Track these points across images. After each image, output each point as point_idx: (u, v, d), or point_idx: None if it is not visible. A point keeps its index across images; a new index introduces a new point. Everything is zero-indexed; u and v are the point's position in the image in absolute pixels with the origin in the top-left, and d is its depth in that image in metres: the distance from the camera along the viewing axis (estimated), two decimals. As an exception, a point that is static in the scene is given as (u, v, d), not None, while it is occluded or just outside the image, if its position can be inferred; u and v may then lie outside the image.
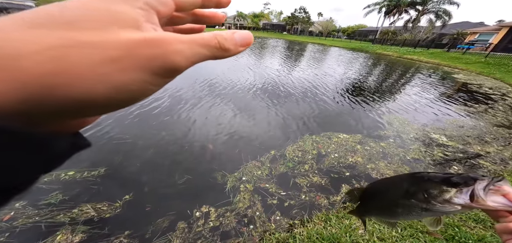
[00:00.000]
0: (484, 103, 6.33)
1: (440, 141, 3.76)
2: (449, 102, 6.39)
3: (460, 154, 3.33)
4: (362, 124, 4.34)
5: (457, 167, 2.92)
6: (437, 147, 3.53)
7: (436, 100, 6.54)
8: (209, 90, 5.78)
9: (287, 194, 2.34)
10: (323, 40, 44.27)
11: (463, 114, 5.37)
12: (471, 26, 36.07)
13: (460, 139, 3.86)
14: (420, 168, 2.89)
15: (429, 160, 3.10)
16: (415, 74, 11.55)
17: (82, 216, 2.01)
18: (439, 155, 3.27)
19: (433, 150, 3.40)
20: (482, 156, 3.27)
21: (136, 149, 2.97)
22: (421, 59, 18.30)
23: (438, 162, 3.08)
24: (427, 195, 0.40)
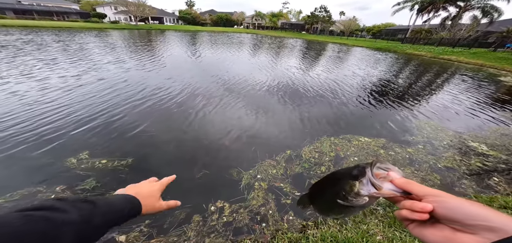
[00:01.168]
0: (538, 109, 5.52)
1: (479, 150, 3.38)
2: (493, 108, 5.69)
3: (502, 165, 2.96)
4: (387, 128, 4.10)
5: (497, 179, 2.60)
6: (475, 156, 3.19)
7: (477, 105, 5.88)
8: (227, 89, 5.92)
9: (301, 194, 2.32)
10: (345, 39, 42.40)
11: (509, 121, 4.75)
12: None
13: (503, 149, 3.43)
14: (452, 177, 2.64)
15: (465, 169, 2.81)
16: (453, 76, 10.50)
17: None
18: (476, 164, 2.95)
19: (470, 159, 3.08)
20: (532, 168, 2.87)
21: (160, 143, 3.19)
22: (461, 60, 16.54)
23: (475, 172, 2.77)
24: (344, 192, 0.42)
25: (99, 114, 3.97)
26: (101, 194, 2.33)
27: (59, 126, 3.45)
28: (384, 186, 0.39)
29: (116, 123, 3.70)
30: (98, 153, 2.86)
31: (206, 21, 68.90)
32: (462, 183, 2.52)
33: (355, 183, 0.41)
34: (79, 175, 2.51)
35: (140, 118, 3.88)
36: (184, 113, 4.22)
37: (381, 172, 0.41)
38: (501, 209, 1.84)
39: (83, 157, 2.76)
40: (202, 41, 21.38)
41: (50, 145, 2.95)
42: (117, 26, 36.39)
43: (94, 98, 4.68)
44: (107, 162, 2.70)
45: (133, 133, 3.41)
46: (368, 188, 0.40)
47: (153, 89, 5.53)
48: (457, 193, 2.34)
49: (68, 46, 11.82)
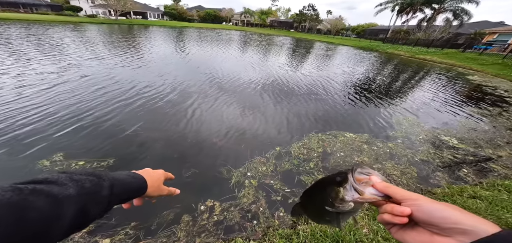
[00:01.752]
0: (498, 106, 6.13)
1: (451, 143, 3.69)
2: (461, 104, 6.22)
3: (470, 157, 3.26)
4: (369, 124, 4.30)
5: (466, 170, 2.86)
6: (447, 149, 3.47)
7: (448, 102, 6.38)
8: (216, 87, 5.83)
9: (291, 191, 2.37)
10: (331, 38, 43.48)
11: (476, 116, 5.23)
12: (490, 25, 34.60)
13: (471, 142, 3.77)
14: (428, 169, 2.85)
15: (438, 162, 3.05)
16: (427, 75, 11.26)
17: None
18: (448, 157, 3.22)
19: (443, 152, 3.35)
20: (494, 159, 3.19)
21: (146, 141, 3.06)
22: (434, 59, 17.76)
23: (447, 164, 3.03)
24: (331, 199, 0.43)
25: (78, 112, 3.71)
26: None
27: (32, 126, 3.17)
28: (366, 191, 0.40)
29: (97, 122, 3.48)
30: (74, 154, 2.67)
31: (193, 17, 66.32)
32: (436, 175, 2.73)
33: (339, 189, 0.42)
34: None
35: (123, 117, 3.69)
36: (171, 112, 4.09)
37: (363, 176, 0.41)
38: (470, 199, 2.03)
39: (57, 159, 2.56)
40: (190, 37, 20.67)
41: (21, 147, 2.70)
42: (95, 20, 33.45)
43: (74, 97, 4.36)
44: (85, 163, 2.53)
45: (116, 133, 3.23)
46: (351, 194, 0.41)
47: (137, 87, 5.28)
48: (431, 185, 2.54)
49: (42, 41, 10.79)
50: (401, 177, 2.65)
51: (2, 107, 3.61)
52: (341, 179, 0.43)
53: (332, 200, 0.43)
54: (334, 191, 0.43)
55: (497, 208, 1.86)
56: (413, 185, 2.51)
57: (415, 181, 2.59)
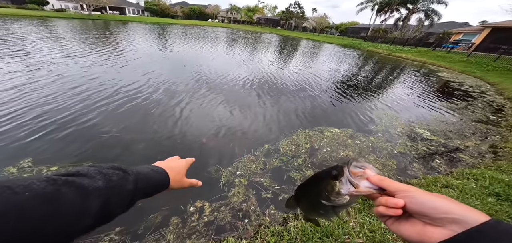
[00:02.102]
0: (464, 100, 6.72)
1: (424, 135, 3.97)
2: (433, 99, 6.71)
3: (441, 148, 3.54)
4: (353, 119, 4.47)
5: (439, 161, 3.11)
6: (421, 141, 3.73)
7: (421, 97, 6.85)
8: (203, 84, 5.69)
9: (281, 188, 2.39)
10: (317, 36, 44.28)
11: (445, 110, 5.68)
12: (456, 26, 37.71)
13: (442, 134, 4.09)
14: (405, 161, 3.05)
15: (414, 154, 3.27)
16: (403, 72, 11.97)
17: None
18: (423, 149, 3.46)
19: (418, 144, 3.59)
20: (462, 150, 3.50)
21: (125, 144, 2.89)
22: (409, 57, 18.92)
23: (422, 155, 3.26)
24: (326, 192, 0.44)
25: (52, 115, 3.40)
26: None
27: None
28: (361, 184, 0.40)
29: (74, 124, 3.22)
30: (44, 159, 2.45)
31: (177, 14, 63.09)
32: (413, 167, 2.93)
33: (335, 183, 0.42)
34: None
35: (104, 119, 3.46)
36: (156, 112, 3.90)
37: (358, 170, 0.42)
38: (443, 188, 2.21)
39: (25, 165, 2.33)
40: (175, 35, 19.73)
41: None
42: (64, 15, 30.33)
43: (47, 97, 3.99)
44: (58, 169, 2.33)
45: (95, 135, 3.02)
46: (347, 187, 0.41)
47: (118, 86, 4.97)
48: (409, 176, 2.72)
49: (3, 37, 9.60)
50: (383, 170, 2.80)
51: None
52: (337, 172, 0.43)
53: (328, 194, 0.44)
54: (330, 185, 0.43)
55: (466, 196, 2.05)
56: (393, 177, 2.67)
57: (395, 173, 2.76)
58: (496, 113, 5.62)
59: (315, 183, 0.50)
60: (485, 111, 5.75)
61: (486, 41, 21.91)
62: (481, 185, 2.24)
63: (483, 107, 6.07)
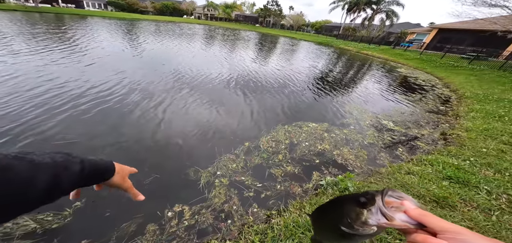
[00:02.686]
0: (419, 93, 7.54)
1: (389, 126, 4.34)
2: (394, 92, 7.39)
3: (403, 137, 3.92)
4: (328, 113, 4.67)
5: (401, 149, 3.43)
6: (386, 131, 4.07)
7: (385, 90, 7.49)
8: (179, 83, 5.38)
9: (263, 185, 2.37)
10: (294, 33, 45.08)
11: (404, 102, 6.31)
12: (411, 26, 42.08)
13: (403, 124, 4.53)
14: (374, 151, 3.29)
15: (381, 144, 3.56)
16: (369, 68, 12.95)
17: (17, 231, 1.68)
18: (388, 139, 3.78)
19: (384, 135, 3.91)
20: (419, 138, 3.92)
21: (87, 151, 2.56)
22: (374, 55, 20.54)
23: (388, 145, 3.56)
24: (349, 219, 0.40)
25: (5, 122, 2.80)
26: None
27: None
28: (396, 217, 0.36)
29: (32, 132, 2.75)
30: None
31: (147, 9, 57.24)
32: (381, 156, 3.18)
33: (362, 211, 0.38)
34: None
35: (65, 123, 3.07)
36: (123, 113, 3.56)
37: (393, 200, 0.38)
38: (406, 175, 2.43)
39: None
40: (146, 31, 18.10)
41: None
42: (3, 6, 25.38)
43: None
44: None
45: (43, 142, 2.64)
46: (377, 217, 0.37)
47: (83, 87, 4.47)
48: (378, 165, 2.94)
49: None
50: (356, 161, 2.97)
51: None
52: (366, 200, 0.39)
53: (350, 221, 0.40)
54: (355, 212, 0.39)
55: (425, 181, 2.28)
56: (365, 167, 2.86)
57: (367, 163, 2.95)
58: (444, 103, 6.44)
59: (336, 207, 0.46)
60: (436, 102, 6.54)
61: (434, 41, 24.89)
62: (436, 170, 2.53)
63: (434, 99, 6.90)
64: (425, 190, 2.09)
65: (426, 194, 2.04)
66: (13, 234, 1.64)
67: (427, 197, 2.03)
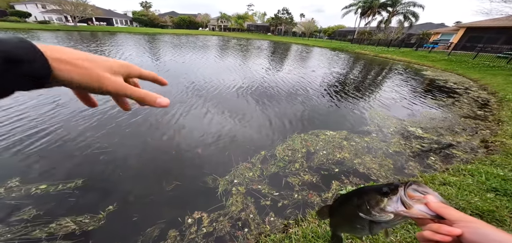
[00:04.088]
0: (451, 97, 6.78)
1: (417, 133, 3.92)
2: (421, 97, 6.75)
3: (435, 145, 3.49)
4: (346, 120, 4.41)
5: (434, 158, 3.04)
6: (414, 139, 3.68)
7: (410, 95, 6.89)
8: (196, 94, 5.55)
9: (280, 194, 2.27)
10: (306, 40, 44.47)
11: (434, 107, 5.70)
12: (434, 27, 38.86)
13: (433, 131, 4.06)
14: (401, 160, 2.97)
15: (409, 152, 3.21)
16: (390, 71, 12.13)
17: (61, 231, 1.80)
18: (417, 147, 3.40)
19: (412, 143, 3.53)
20: (454, 145, 3.46)
21: (119, 158, 2.72)
22: (394, 58, 19.28)
23: (417, 153, 3.19)
24: (368, 206, 0.42)
25: (32, 132, 3.19)
26: (47, 222, 1.84)
27: None
28: (415, 207, 0.37)
29: (57, 141, 3.02)
30: (33, 178, 2.28)
31: (166, 23, 62.30)
32: (409, 165, 2.85)
33: (382, 199, 0.40)
34: (11, 205, 1.95)
35: (89, 133, 3.26)
36: (147, 123, 3.73)
37: (417, 194, 0.38)
38: (441, 186, 2.13)
39: (12, 185, 2.15)
40: (166, 44, 19.48)
41: None
42: (49, 27, 28.98)
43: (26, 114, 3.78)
44: (47, 187, 2.16)
45: (82, 151, 2.83)
46: (396, 205, 0.38)
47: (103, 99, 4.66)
48: (407, 175, 2.63)
49: None
50: (380, 170, 2.71)
51: None
52: (389, 190, 0.40)
53: (369, 207, 0.41)
54: (375, 199, 0.41)
55: (465, 193, 1.97)
56: (391, 177, 2.58)
57: (392, 173, 2.67)
58: (482, 107, 5.67)
59: (358, 195, 0.47)
60: (472, 106, 5.80)
61: (463, 40, 22.61)
62: (478, 181, 2.17)
63: (469, 103, 6.13)
64: (466, 203, 1.79)
65: (467, 206, 1.74)
66: (56, 234, 1.77)
67: (469, 210, 1.74)
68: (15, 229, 1.76)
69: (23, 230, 1.77)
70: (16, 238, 1.70)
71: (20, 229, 1.77)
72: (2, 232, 1.73)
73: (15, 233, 1.74)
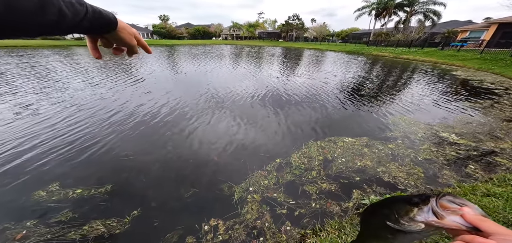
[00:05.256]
0: (488, 98, 5.97)
1: (451, 139, 3.48)
2: (452, 99, 6.06)
3: (473, 152, 3.05)
4: (366, 126, 4.11)
5: (473, 166, 2.64)
6: (448, 146, 3.26)
7: (440, 98, 6.23)
8: (211, 102, 5.63)
9: (296, 202, 2.15)
10: (319, 45, 43.10)
11: (469, 110, 5.05)
12: (460, 24, 35.32)
13: (471, 136, 3.57)
14: (433, 168, 2.63)
15: (442, 160, 2.84)
16: (414, 73, 11.21)
17: (92, 233, 1.91)
18: (452, 154, 3.00)
19: (445, 149, 3.13)
20: (497, 153, 2.98)
21: (142, 165, 2.85)
22: (418, 58, 17.84)
23: (452, 161, 2.81)
24: (397, 215, 0.40)
25: (70, 141, 3.48)
26: (81, 224, 1.97)
27: (22, 158, 2.95)
28: (449, 218, 0.34)
29: (90, 149, 3.26)
30: (70, 183, 2.47)
31: (182, 35, 66.37)
32: (444, 174, 2.51)
33: (412, 208, 0.38)
34: (51, 208, 2.13)
35: (117, 142, 3.48)
36: (167, 132, 3.86)
37: (453, 206, 0.35)
38: (484, 197, 1.81)
39: (53, 189, 2.35)
40: (182, 54, 20.48)
41: (13, 180, 2.50)
42: (82, 43, 30.18)
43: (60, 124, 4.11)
44: (82, 191, 2.32)
45: (110, 158, 3.02)
46: (426, 215, 0.36)
47: (129, 109, 4.99)
48: (441, 185, 2.32)
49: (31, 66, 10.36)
50: (408, 179, 2.43)
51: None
52: (420, 200, 0.38)
53: (398, 216, 0.39)
54: (405, 209, 0.38)
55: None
56: (422, 186, 2.29)
57: (423, 182, 2.37)
58: (529, 109, 4.87)
59: (387, 206, 0.45)
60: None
61: (496, 37, 20.16)
62: (532, 193, 1.81)
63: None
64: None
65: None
66: (88, 236, 1.87)
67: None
68: (54, 230, 1.91)
69: (60, 231, 1.91)
70: (54, 238, 1.84)
71: (58, 230, 1.92)
72: (43, 232, 1.89)
73: (54, 234, 1.88)
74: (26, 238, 1.83)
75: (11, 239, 1.82)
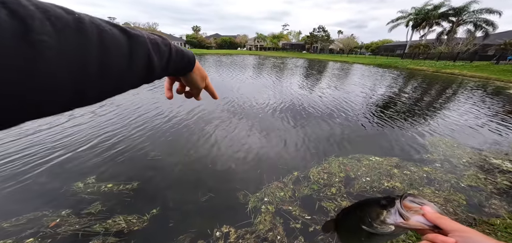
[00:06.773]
0: (560, 122, 5.05)
1: (504, 167, 3.03)
2: (508, 123, 5.28)
3: (535, 183, 2.60)
4: (398, 146, 3.83)
5: (534, 199, 2.25)
6: (500, 174, 2.84)
7: (492, 120, 5.49)
8: (233, 111, 5.85)
9: (312, 218, 2.09)
10: (345, 57, 41.84)
11: (532, 134, 4.34)
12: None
13: (532, 165, 3.06)
14: (479, 196, 2.32)
15: (492, 188, 2.48)
16: (459, 91, 10.10)
17: (114, 227, 2.08)
18: (504, 183, 2.61)
19: (496, 178, 2.74)
20: None
21: (166, 166, 3.09)
22: (465, 73, 16.07)
23: (504, 191, 2.43)
24: (370, 219, 0.43)
25: (107, 139, 3.94)
26: (106, 217, 2.20)
27: (68, 152, 3.44)
28: (413, 218, 0.38)
29: (123, 147, 3.65)
30: (104, 177, 2.78)
31: (211, 44, 71.87)
32: (492, 203, 2.19)
33: (382, 211, 0.41)
34: (85, 199, 2.42)
35: (146, 142, 3.83)
36: (190, 136, 4.14)
37: (414, 205, 0.40)
38: (547, 236, 1.54)
39: (90, 182, 2.69)
40: (209, 63, 21.84)
41: (58, 170, 2.92)
42: None
43: (102, 124, 4.69)
44: (112, 186, 2.61)
45: (140, 157, 3.34)
46: (395, 218, 0.39)
47: (158, 112, 5.49)
48: (487, 214, 2.02)
49: None
50: (446, 205, 2.18)
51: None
52: (387, 202, 0.42)
53: (371, 220, 0.43)
54: (375, 212, 0.42)
55: None
56: (462, 214, 2.03)
57: (465, 210, 2.10)
58: None
59: (359, 209, 0.48)
60: None
61: None
62: None
63: None
64: None
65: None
66: (110, 230, 2.05)
67: None
68: (82, 221, 2.12)
69: (88, 223, 2.11)
70: (81, 229, 2.04)
71: (86, 222, 2.12)
72: (73, 222, 2.11)
73: (82, 225, 2.08)
74: (58, 226, 2.04)
75: (46, 226, 2.04)
